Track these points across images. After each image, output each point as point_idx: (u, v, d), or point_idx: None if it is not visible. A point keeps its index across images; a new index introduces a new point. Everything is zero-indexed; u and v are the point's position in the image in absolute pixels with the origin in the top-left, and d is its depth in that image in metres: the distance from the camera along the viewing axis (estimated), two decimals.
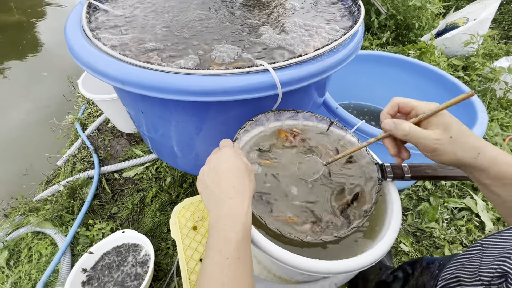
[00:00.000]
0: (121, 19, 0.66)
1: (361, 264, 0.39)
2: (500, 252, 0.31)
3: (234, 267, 0.33)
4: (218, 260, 0.34)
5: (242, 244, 0.35)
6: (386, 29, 2.02)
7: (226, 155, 0.41)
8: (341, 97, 1.29)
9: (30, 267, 0.99)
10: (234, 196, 0.38)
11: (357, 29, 0.62)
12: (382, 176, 0.49)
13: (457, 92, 1.01)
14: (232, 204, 0.37)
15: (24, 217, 1.10)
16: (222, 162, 0.41)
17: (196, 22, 0.67)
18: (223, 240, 0.35)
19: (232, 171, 0.40)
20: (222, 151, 0.42)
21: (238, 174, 0.40)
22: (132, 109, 0.71)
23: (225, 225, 0.36)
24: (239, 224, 0.36)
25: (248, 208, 0.38)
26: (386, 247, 0.41)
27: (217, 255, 0.34)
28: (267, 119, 0.56)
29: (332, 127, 0.58)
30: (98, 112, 1.63)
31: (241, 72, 0.50)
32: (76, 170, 1.31)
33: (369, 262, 0.39)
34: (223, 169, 0.40)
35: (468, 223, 1.12)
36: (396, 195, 0.48)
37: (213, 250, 0.35)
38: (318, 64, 0.54)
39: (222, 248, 0.34)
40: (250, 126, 0.54)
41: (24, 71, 2.19)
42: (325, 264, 0.38)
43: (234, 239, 0.35)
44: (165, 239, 1.06)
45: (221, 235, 0.35)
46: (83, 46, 0.55)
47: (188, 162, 0.78)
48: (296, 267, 0.38)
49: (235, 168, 0.40)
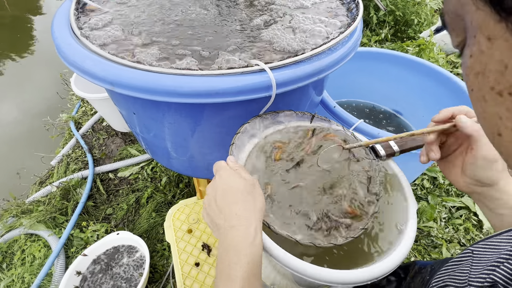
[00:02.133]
0: (111, 16, 0.63)
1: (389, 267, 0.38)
2: (490, 259, 0.31)
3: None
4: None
5: (248, 282, 0.32)
6: (384, 25, 2.00)
7: (222, 179, 0.38)
8: (339, 95, 1.27)
9: (23, 270, 0.97)
10: (236, 224, 0.34)
11: (355, 26, 0.60)
12: (376, 157, 0.49)
13: (456, 89, 1.00)
14: (235, 235, 0.33)
15: (17, 219, 1.08)
16: (219, 189, 0.37)
17: (194, 20, 0.64)
18: (227, 277, 0.32)
19: (232, 194, 0.36)
20: (217, 177, 0.39)
21: (238, 198, 0.36)
22: (123, 109, 0.69)
23: (230, 260, 0.33)
24: (243, 258, 0.32)
25: (255, 235, 0.34)
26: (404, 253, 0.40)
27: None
28: (251, 127, 0.53)
29: (316, 121, 0.56)
30: (93, 110, 1.60)
31: (235, 72, 0.48)
32: (70, 170, 1.28)
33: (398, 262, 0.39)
34: (221, 196, 0.36)
35: (466, 222, 1.12)
36: (410, 191, 0.48)
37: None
38: (315, 64, 0.52)
39: (225, 285, 0.32)
40: (239, 140, 0.50)
41: (17, 68, 2.15)
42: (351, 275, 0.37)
43: (238, 276, 0.31)
44: (161, 241, 1.05)
45: (225, 271, 0.32)
46: (70, 44, 0.53)
47: (182, 163, 0.77)
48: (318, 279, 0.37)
49: (234, 191, 0.36)
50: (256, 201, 0.36)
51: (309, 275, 0.37)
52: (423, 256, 1.03)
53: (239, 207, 0.35)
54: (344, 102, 1.29)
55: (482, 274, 0.30)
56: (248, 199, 0.36)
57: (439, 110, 0.44)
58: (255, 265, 0.32)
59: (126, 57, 0.49)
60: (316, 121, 0.56)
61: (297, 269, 0.37)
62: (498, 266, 0.29)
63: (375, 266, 0.38)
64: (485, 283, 0.29)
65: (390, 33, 2.00)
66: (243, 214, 0.34)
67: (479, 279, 0.30)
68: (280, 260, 0.37)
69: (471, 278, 0.31)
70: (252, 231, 0.34)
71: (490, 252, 0.32)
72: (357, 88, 1.26)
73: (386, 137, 0.49)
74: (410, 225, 0.43)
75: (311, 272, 0.37)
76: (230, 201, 0.36)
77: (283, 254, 0.38)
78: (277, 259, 0.38)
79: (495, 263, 0.29)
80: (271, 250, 0.38)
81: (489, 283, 0.28)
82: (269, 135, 0.53)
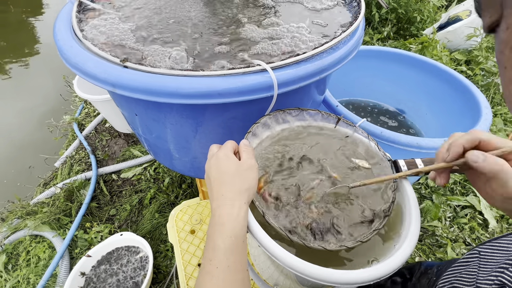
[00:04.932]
0: (114, 18, 0.63)
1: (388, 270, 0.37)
2: (498, 261, 0.30)
3: (224, 275, 0.34)
4: (209, 269, 0.34)
5: (231, 252, 0.35)
6: (387, 23, 1.98)
7: (217, 159, 0.41)
8: (342, 94, 1.26)
9: (28, 271, 0.98)
10: (222, 203, 0.37)
11: (357, 25, 0.60)
12: (396, 172, 0.47)
13: (460, 87, 0.99)
14: (220, 212, 0.37)
15: (22, 220, 1.09)
16: (212, 169, 0.40)
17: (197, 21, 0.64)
18: (212, 248, 0.35)
19: (221, 177, 0.39)
20: (215, 156, 0.42)
21: (226, 179, 0.39)
22: (125, 111, 0.69)
23: (213, 234, 0.36)
24: (226, 232, 0.36)
25: (238, 214, 0.37)
26: (407, 253, 0.39)
27: (207, 264, 0.35)
28: (273, 121, 0.54)
29: (341, 125, 0.55)
30: (95, 112, 1.61)
31: (237, 72, 0.47)
32: (73, 171, 1.29)
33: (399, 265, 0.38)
34: (213, 176, 0.40)
35: (471, 221, 1.10)
36: (412, 192, 0.46)
37: (205, 259, 0.36)
38: (317, 63, 0.51)
39: (211, 256, 0.35)
40: (257, 129, 0.52)
41: (20, 70, 2.17)
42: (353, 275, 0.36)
43: (222, 247, 0.35)
44: (164, 241, 1.05)
45: (210, 244, 0.36)
46: (72, 47, 0.53)
47: (184, 164, 0.77)
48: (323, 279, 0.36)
49: (223, 173, 0.39)
50: (243, 183, 0.39)
51: (312, 275, 0.36)
52: (427, 255, 1.02)
53: (225, 188, 0.38)
54: (347, 101, 1.28)
55: (490, 276, 0.29)
56: (235, 182, 0.39)
57: (442, 109, 0.42)
58: (238, 239, 0.36)
59: (128, 59, 0.49)
60: (341, 125, 0.56)
61: (299, 269, 0.37)
62: (506, 268, 0.28)
63: (378, 266, 0.38)
64: (493, 285, 0.28)
65: (393, 31, 1.99)
66: (228, 195, 0.38)
67: (487, 281, 0.29)
68: (281, 260, 0.37)
69: (479, 280, 0.31)
70: (235, 209, 0.37)
71: (498, 253, 0.31)
72: (359, 87, 1.25)
73: (387, 176, 0.45)
74: (413, 224, 0.43)
75: (313, 272, 0.36)
76: (218, 183, 0.39)
77: (284, 254, 0.37)
78: (279, 259, 0.38)
79: (504, 265, 0.28)
80: (273, 251, 0.38)
81: (498, 285, 0.28)
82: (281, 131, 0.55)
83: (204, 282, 0.34)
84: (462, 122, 0.95)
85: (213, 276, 0.34)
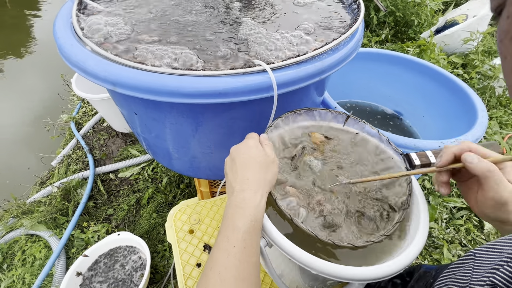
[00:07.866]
0: (114, 16, 0.63)
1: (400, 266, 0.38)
2: (492, 262, 0.31)
3: (240, 255, 0.35)
4: (225, 246, 0.35)
5: (249, 235, 0.36)
6: (385, 26, 2.00)
7: (247, 146, 0.42)
8: (340, 95, 1.27)
9: (24, 271, 0.97)
10: (246, 188, 0.39)
11: (357, 27, 0.60)
12: (410, 166, 0.47)
13: (457, 90, 1.00)
14: (244, 196, 0.38)
15: (17, 220, 1.08)
16: (240, 153, 0.42)
17: (198, 23, 0.64)
18: (232, 228, 0.36)
19: (249, 162, 0.40)
20: (244, 142, 0.43)
21: (254, 166, 0.40)
22: (125, 110, 0.69)
23: (234, 215, 0.37)
24: (247, 216, 0.37)
25: (260, 201, 0.38)
26: (418, 249, 0.40)
27: (224, 241, 0.36)
28: (285, 122, 0.55)
29: (350, 122, 0.56)
30: (93, 111, 1.60)
31: (238, 73, 0.48)
32: (70, 170, 1.28)
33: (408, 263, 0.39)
34: (241, 160, 0.41)
35: (467, 223, 1.11)
36: (418, 187, 0.47)
37: (222, 237, 0.37)
38: (317, 64, 0.52)
39: (229, 235, 0.36)
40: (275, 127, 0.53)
41: (17, 68, 2.15)
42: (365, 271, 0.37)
43: (242, 229, 0.36)
44: (162, 241, 1.04)
45: (230, 223, 0.37)
46: (72, 45, 0.53)
47: (183, 163, 0.76)
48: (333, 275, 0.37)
49: (252, 159, 0.41)
50: (267, 174, 0.41)
51: (317, 268, 0.37)
52: (424, 256, 1.03)
53: (252, 174, 0.40)
54: (345, 102, 1.29)
55: (483, 277, 0.30)
56: (261, 171, 0.41)
57: (439, 111, 0.43)
58: (256, 224, 0.37)
59: (128, 57, 0.49)
60: (350, 123, 0.56)
61: (304, 261, 0.37)
62: (498, 269, 0.28)
63: (389, 263, 0.38)
64: (485, 286, 0.29)
65: (391, 34, 2.01)
66: (254, 181, 0.39)
67: (480, 282, 0.30)
68: (286, 251, 0.38)
69: (472, 281, 0.31)
70: (258, 196, 0.38)
71: (492, 255, 0.32)
72: (357, 89, 1.26)
73: (388, 175, 0.46)
74: (422, 220, 0.43)
75: (318, 266, 0.37)
76: (246, 167, 0.40)
77: (290, 245, 0.38)
78: (284, 250, 0.38)
79: (496, 266, 0.29)
80: (280, 243, 0.39)
81: (490, 285, 0.28)
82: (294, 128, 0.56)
83: (220, 257, 0.35)
84: (458, 124, 0.96)
85: (230, 253, 0.35)
